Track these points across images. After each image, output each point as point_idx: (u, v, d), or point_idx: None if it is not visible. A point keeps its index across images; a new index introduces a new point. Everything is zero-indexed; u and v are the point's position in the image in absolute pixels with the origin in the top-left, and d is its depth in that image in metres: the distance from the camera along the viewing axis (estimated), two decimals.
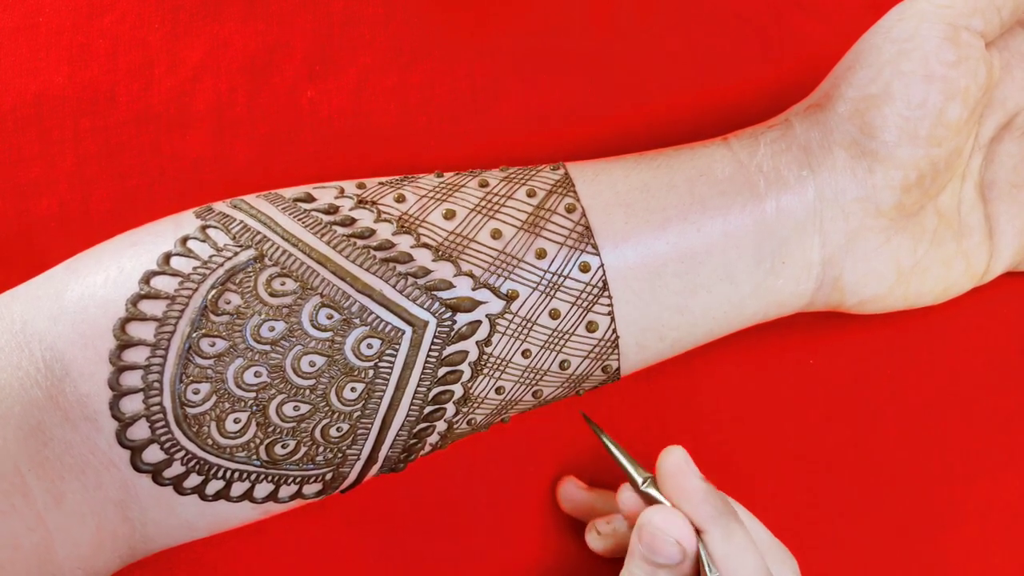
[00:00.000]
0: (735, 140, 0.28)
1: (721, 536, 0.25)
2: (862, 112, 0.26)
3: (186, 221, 0.25)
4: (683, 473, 0.25)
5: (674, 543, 0.25)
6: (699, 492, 0.25)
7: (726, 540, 0.25)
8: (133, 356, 0.23)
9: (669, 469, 0.26)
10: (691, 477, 0.25)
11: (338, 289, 0.24)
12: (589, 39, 0.33)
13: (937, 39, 0.25)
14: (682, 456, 0.26)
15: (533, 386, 0.27)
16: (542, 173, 0.27)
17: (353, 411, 0.25)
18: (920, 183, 0.27)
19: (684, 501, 0.25)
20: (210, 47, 0.32)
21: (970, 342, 0.34)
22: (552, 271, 0.25)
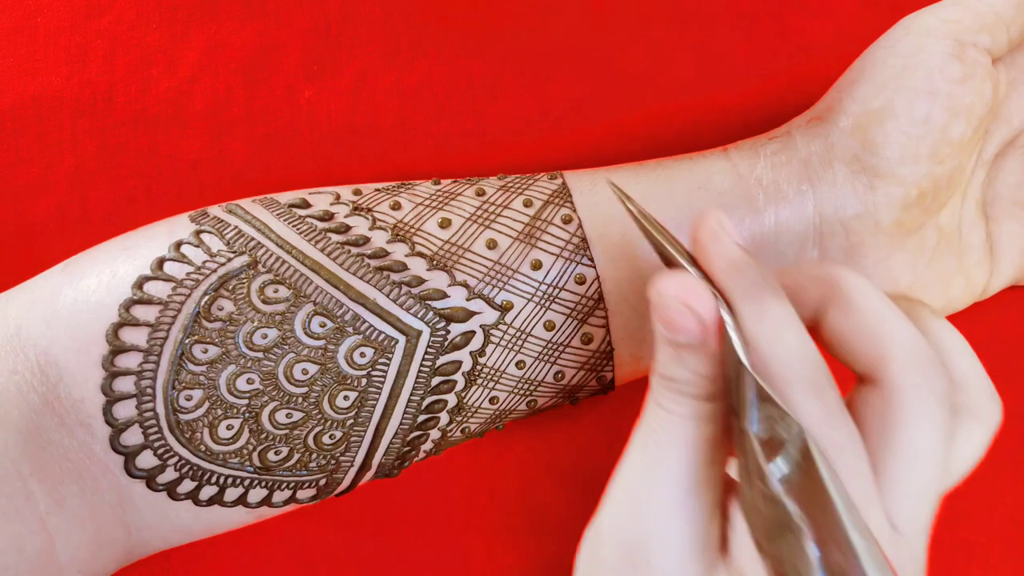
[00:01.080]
0: (735, 151, 0.27)
1: (752, 313, 0.20)
2: (864, 127, 0.26)
3: (180, 225, 0.25)
4: (715, 238, 0.21)
5: (687, 313, 0.20)
6: (730, 261, 0.21)
7: (759, 318, 0.20)
8: (126, 362, 0.23)
9: (701, 234, 0.21)
10: (725, 243, 0.21)
11: (331, 297, 0.24)
12: (589, 39, 0.33)
13: (943, 55, 0.25)
14: (717, 219, 0.21)
15: (527, 396, 0.27)
16: (539, 182, 0.27)
17: (346, 419, 0.25)
18: (921, 200, 0.26)
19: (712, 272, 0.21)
20: (207, 47, 0.32)
21: (971, 343, 0.33)
22: (547, 282, 0.25)
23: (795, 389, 0.19)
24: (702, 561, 0.20)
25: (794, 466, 0.18)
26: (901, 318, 0.20)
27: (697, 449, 0.20)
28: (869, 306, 0.20)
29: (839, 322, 0.21)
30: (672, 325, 0.20)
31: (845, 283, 0.21)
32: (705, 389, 0.21)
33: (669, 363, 0.21)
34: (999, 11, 0.25)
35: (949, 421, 0.20)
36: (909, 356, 0.20)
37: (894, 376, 0.20)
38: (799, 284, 0.21)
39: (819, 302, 0.21)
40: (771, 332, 0.20)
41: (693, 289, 0.20)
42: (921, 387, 0.20)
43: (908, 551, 0.20)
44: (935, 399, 0.20)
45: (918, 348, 0.20)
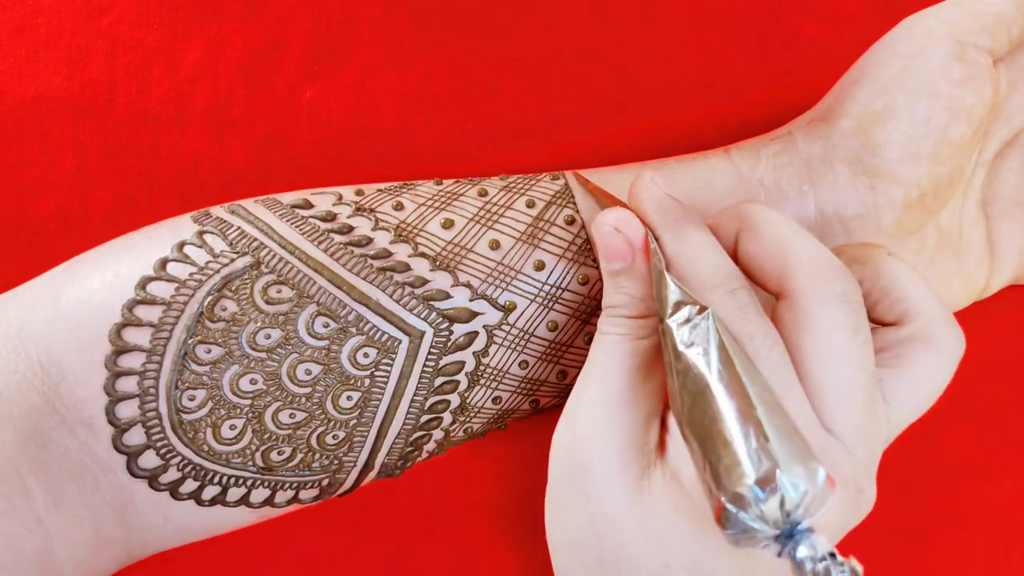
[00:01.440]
0: (736, 152, 0.28)
1: (674, 239, 0.23)
2: (865, 128, 0.26)
3: (183, 226, 0.25)
4: (647, 188, 0.24)
5: (618, 236, 0.23)
6: (656, 200, 0.23)
7: (680, 242, 0.22)
8: (129, 362, 0.23)
9: (635, 186, 0.24)
10: (653, 189, 0.24)
11: (334, 298, 0.24)
12: (590, 39, 0.33)
13: (944, 56, 0.25)
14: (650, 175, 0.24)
15: (530, 396, 0.27)
16: (542, 183, 0.27)
17: (349, 419, 0.25)
18: (922, 201, 0.26)
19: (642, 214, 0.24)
20: (208, 47, 0.32)
21: (971, 345, 0.33)
22: (550, 283, 0.25)
23: (709, 290, 0.22)
24: (636, 464, 0.21)
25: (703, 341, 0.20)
26: (802, 236, 0.22)
27: (630, 364, 0.22)
28: (772, 229, 0.22)
29: (749, 247, 0.23)
30: (608, 250, 0.23)
31: (752, 213, 0.23)
32: (637, 309, 0.23)
33: (609, 293, 0.24)
34: (1000, 12, 0.25)
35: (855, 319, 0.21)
36: (808, 265, 0.22)
37: (797, 286, 0.22)
38: (719, 223, 0.24)
39: (734, 233, 0.23)
40: (691, 252, 0.22)
41: (624, 217, 0.23)
42: (821, 291, 0.21)
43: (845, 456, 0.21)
44: (836, 299, 0.21)
45: (817, 257, 0.22)
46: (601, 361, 0.23)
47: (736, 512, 0.18)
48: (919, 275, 0.23)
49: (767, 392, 0.19)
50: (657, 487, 0.21)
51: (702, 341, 0.20)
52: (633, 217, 0.23)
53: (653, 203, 0.23)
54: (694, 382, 0.20)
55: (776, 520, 0.18)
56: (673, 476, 0.21)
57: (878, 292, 0.23)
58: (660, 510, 0.21)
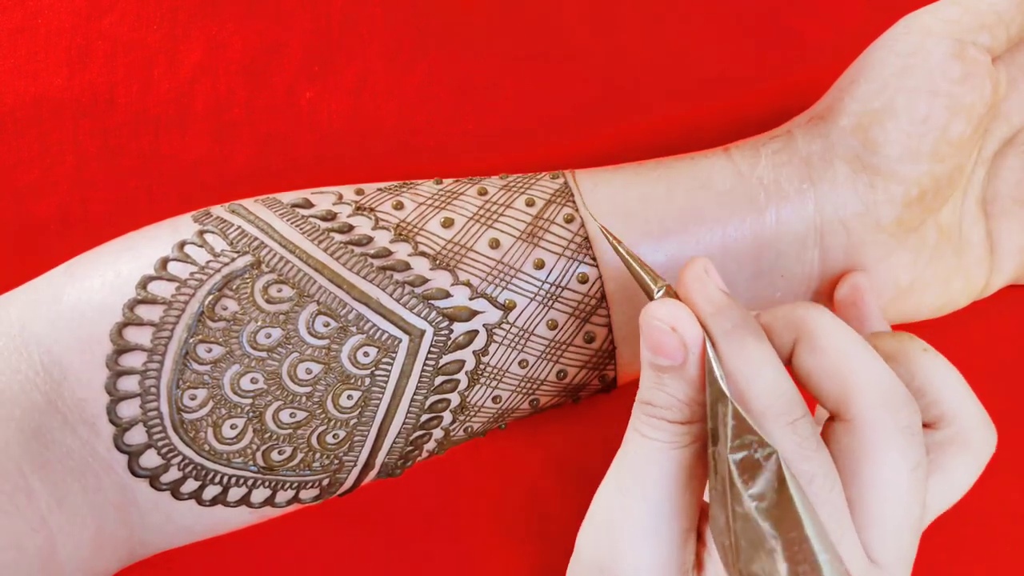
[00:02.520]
0: (736, 151, 0.28)
1: (733, 351, 0.21)
2: (865, 126, 0.26)
3: (184, 226, 0.25)
4: (700, 281, 0.22)
5: (673, 335, 0.21)
6: (714, 302, 0.22)
7: (737, 354, 0.21)
8: (130, 361, 0.23)
9: (686, 276, 0.22)
10: (707, 286, 0.22)
11: (335, 297, 0.24)
12: (589, 39, 0.33)
13: (943, 54, 0.25)
14: (703, 265, 0.22)
15: (530, 395, 0.27)
16: (541, 182, 0.27)
17: (349, 418, 0.25)
18: (921, 199, 0.26)
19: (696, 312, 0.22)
20: (209, 48, 0.32)
21: (971, 344, 0.33)
22: (550, 282, 0.25)
23: (770, 420, 0.20)
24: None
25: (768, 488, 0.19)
26: (865, 355, 0.21)
27: (670, 475, 0.21)
28: (833, 345, 0.21)
29: (807, 360, 0.21)
30: (658, 347, 0.21)
31: (812, 322, 0.22)
32: (682, 414, 0.21)
33: (651, 388, 0.22)
34: (999, 10, 0.25)
35: (918, 452, 0.21)
36: (873, 392, 0.21)
37: (859, 412, 0.21)
38: (773, 325, 0.22)
39: (791, 341, 0.22)
40: (749, 368, 0.21)
41: (681, 315, 0.21)
42: (885, 422, 0.20)
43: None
44: (900, 433, 0.20)
45: (882, 384, 0.21)
46: (640, 470, 0.22)
47: None
48: (954, 372, 0.22)
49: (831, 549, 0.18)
50: None
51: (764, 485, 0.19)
52: (690, 317, 0.21)
53: (710, 304, 0.22)
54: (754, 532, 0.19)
55: None
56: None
57: (914, 391, 0.22)
58: None
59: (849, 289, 0.26)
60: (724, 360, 0.21)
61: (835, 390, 0.21)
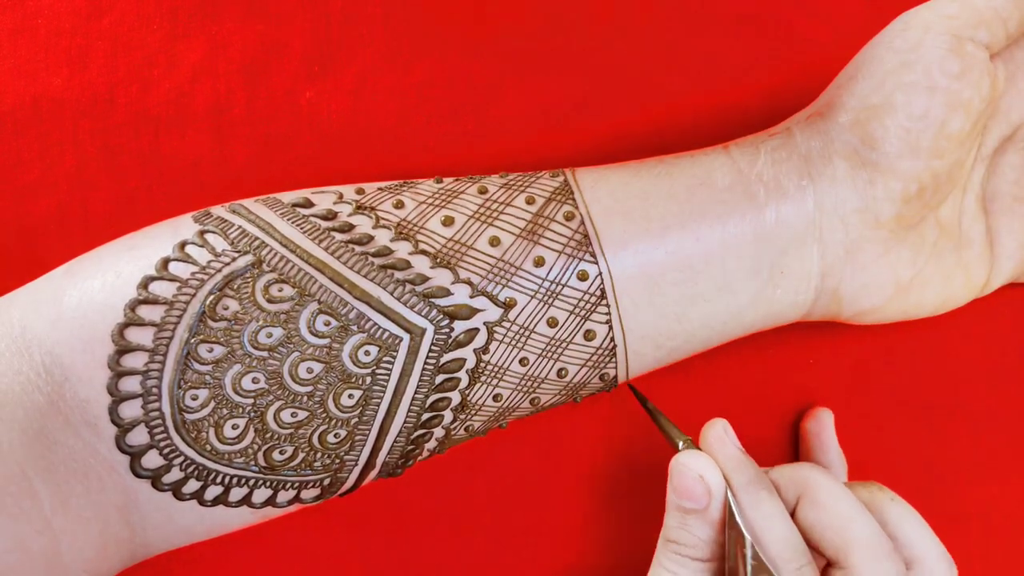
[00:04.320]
0: (735, 148, 0.28)
1: (750, 502, 0.25)
2: (863, 123, 0.26)
3: (184, 226, 0.25)
4: (721, 441, 0.26)
5: (699, 480, 0.25)
6: (732, 459, 0.26)
7: (753, 507, 0.25)
8: (132, 361, 0.23)
9: (709, 437, 0.26)
10: (728, 445, 0.26)
11: (336, 296, 0.24)
12: (589, 40, 0.33)
13: (941, 50, 0.25)
14: (723, 427, 0.26)
15: (531, 393, 0.27)
16: (541, 180, 0.27)
17: (351, 417, 0.25)
18: (921, 195, 0.26)
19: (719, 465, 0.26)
20: (209, 48, 0.32)
21: (971, 344, 0.33)
22: (550, 279, 0.25)
23: (780, 565, 0.24)
24: None
25: None
26: (861, 513, 0.25)
27: None
28: (834, 504, 0.25)
29: (809, 514, 0.25)
30: (687, 492, 0.25)
31: (815, 483, 0.26)
32: (703, 552, 0.26)
33: (676, 528, 0.26)
34: (997, 6, 0.25)
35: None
36: (867, 548, 0.24)
37: (856, 563, 0.24)
38: (779, 481, 0.26)
39: (795, 496, 0.26)
40: (764, 520, 0.25)
41: (708, 466, 0.26)
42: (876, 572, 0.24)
43: None
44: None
45: (874, 540, 0.25)
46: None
47: None
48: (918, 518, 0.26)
49: None
50: None
51: None
52: (715, 468, 0.26)
53: (730, 460, 0.26)
54: None
55: None
56: None
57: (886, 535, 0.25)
58: None
59: (816, 423, 0.32)
60: (743, 510, 0.25)
61: (835, 542, 0.25)
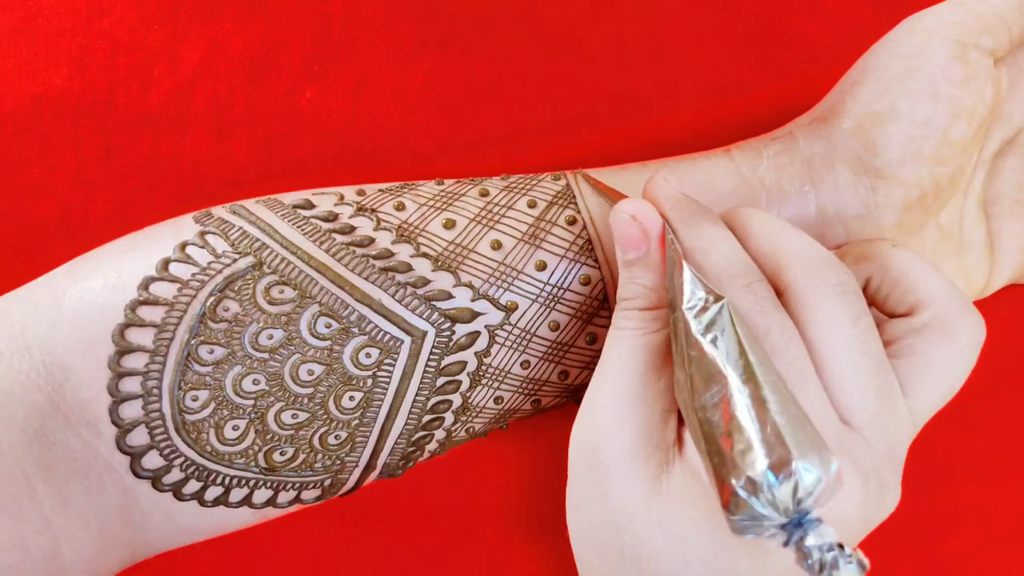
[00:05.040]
0: (737, 152, 0.28)
1: (691, 233, 0.23)
2: (866, 129, 0.26)
3: (185, 226, 0.25)
4: (659, 186, 0.24)
5: (635, 224, 0.23)
6: (672, 198, 0.24)
7: (695, 235, 0.23)
8: (132, 362, 0.23)
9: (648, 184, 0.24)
10: (668, 187, 0.24)
11: (337, 298, 0.24)
12: (589, 40, 0.33)
13: (945, 57, 0.25)
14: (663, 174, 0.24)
15: (532, 396, 0.27)
16: (543, 183, 0.27)
17: (351, 419, 0.25)
18: (922, 201, 0.26)
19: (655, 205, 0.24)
20: (209, 48, 0.32)
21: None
22: (552, 283, 0.25)
23: (726, 283, 0.22)
24: (654, 460, 0.21)
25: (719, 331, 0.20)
26: (792, 232, 0.23)
27: (642, 359, 0.23)
28: (764, 229, 0.23)
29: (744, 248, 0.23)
30: (625, 239, 0.23)
31: (744, 215, 0.24)
32: (649, 300, 0.23)
33: (623, 285, 0.24)
34: (1001, 12, 0.25)
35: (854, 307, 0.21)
36: (800, 260, 0.22)
37: (791, 280, 0.22)
38: None
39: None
40: (705, 243, 0.23)
41: (642, 208, 0.23)
42: (815, 283, 0.22)
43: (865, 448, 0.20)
44: (832, 290, 0.21)
45: (808, 252, 0.22)
46: (615, 357, 0.23)
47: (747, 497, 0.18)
48: (927, 263, 0.23)
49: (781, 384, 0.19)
50: (676, 482, 0.21)
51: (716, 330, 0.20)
52: (651, 208, 0.23)
53: (669, 200, 0.24)
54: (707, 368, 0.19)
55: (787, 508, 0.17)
56: (692, 471, 0.21)
57: (888, 285, 0.23)
58: (678, 505, 0.21)
59: None
60: (682, 241, 0.23)
61: (769, 267, 0.22)
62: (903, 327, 0.23)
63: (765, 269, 0.22)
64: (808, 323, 0.21)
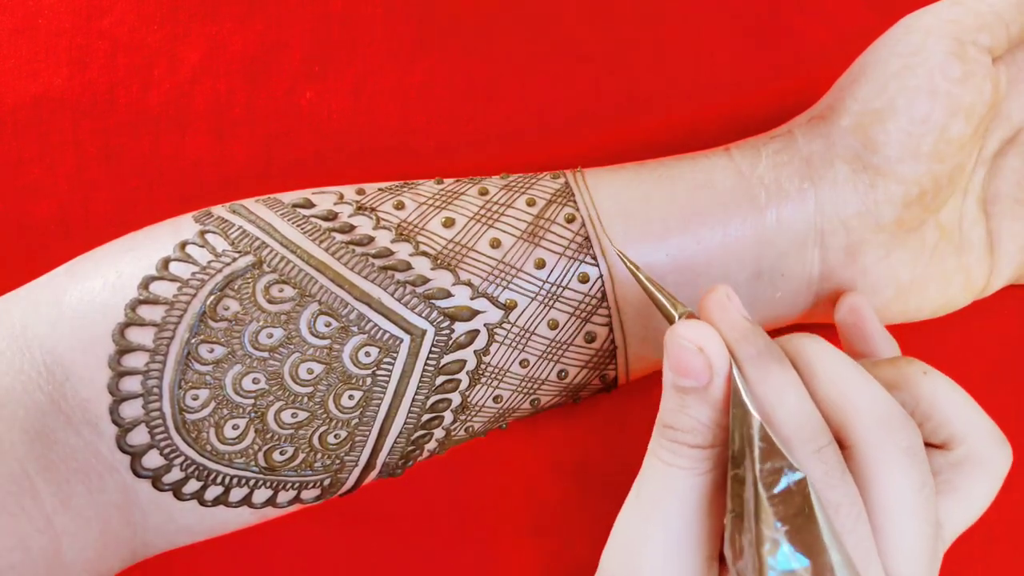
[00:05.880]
0: (736, 150, 0.28)
1: (759, 376, 0.21)
2: (865, 126, 0.26)
3: (185, 226, 0.25)
4: (723, 308, 0.22)
5: (699, 356, 0.21)
6: (737, 328, 0.22)
7: (763, 380, 0.21)
8: (132, 361, 0.23)
9: (709, 304, 0.22)
10: (732, 312, 0.22)
11: (336, 297, 0.24)
12: (590, 41, 0.33)
13: (943, 54, 0.25)
14: (725, 291, 0.22)
15: (531, 395, 0.27)
16: (542, 182, 0.27)
17: (351, 418, 0.25)
18: (922, 198, 0.26)
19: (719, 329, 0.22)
20: (209, 48, 0.32)
21: (971, 344, 0.33)
22: (551, 281, 0.25)
23: (797, 447, 0.20)
24: None
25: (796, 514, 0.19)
26: (860, 380, 0.21)
27: (692, 503, 0.21)
28: (829, 372, 0.22)
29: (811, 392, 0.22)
30: (684, 367, 0.21)
31: (808, 352, 0.22)
32: (704, 438, 0.21)
33: (673, 411, 0.22)
34: (999, 10, 0.25)
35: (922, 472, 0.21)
36: (870, 416, 0.21)
37: (858, 438, 0.21)
38: None
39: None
40: (774, 394, 0.21)
41: (709, 336, 0.21)
42: (886, 445, 0.21)
43: None
44: (902, 454, 0.21)
45: (877, 407, 0.21)
46: (661, 498, 0.22)
47: None
48: (957, 391, 0.23)
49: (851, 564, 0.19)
50: None
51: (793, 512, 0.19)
52: (717, 338, 0.21)
53: (734, 329, 0.22)
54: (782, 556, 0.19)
55: None
56: None
57: (920, 415, 0.23)
58: None
59: (848, 311, 0.26)
60: (750, 385, 0.21)
61: (834, 417, 0.21)
62: (940, 461, 0.22)
63: (830, 419, 0.21)
64: (874, 487, 0.21)
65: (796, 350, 0.22)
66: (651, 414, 0.32)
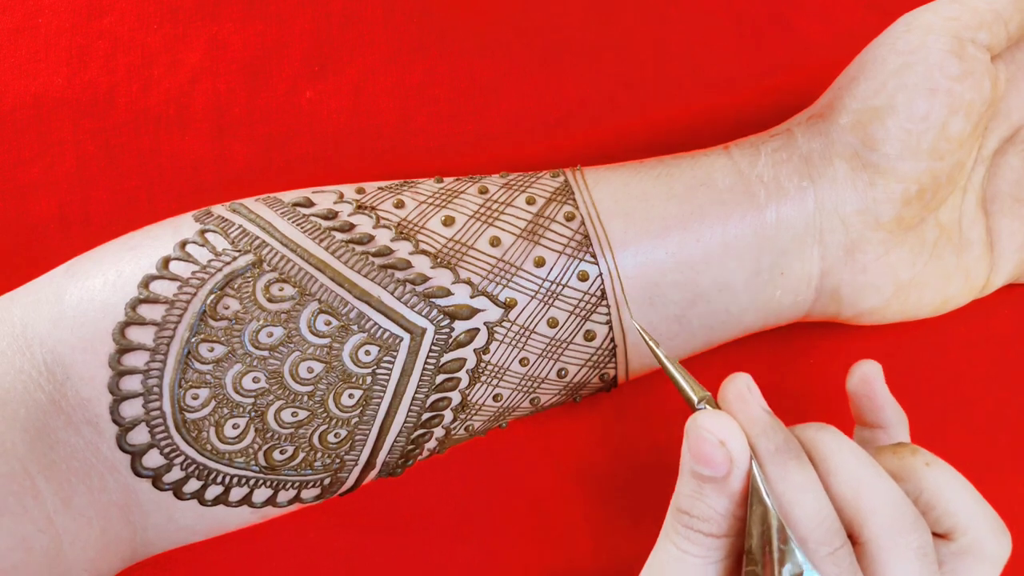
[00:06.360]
0: (736, 149, 0.28)
1: (778, 473, 0.21)
2: (864, 124, 0.26)
3: (185, 225, 0.25)
4: (743, 400, 0.22)
5: (719, 446, 0.21)
6: (759, 422, 0.22)
7: (782, 478, 0.21)
8: (133, 360, 0.23)
9: (729, 395, 0.23)
10: (752, 405, 0.22)
11: (336, 295, 0.24)
12: (590, 39, 0.33)
13: (942, 52, 0.25)
14: (746, 382, 0.23)
15: (531, 393, 0.27)
16: (542, 180, 0.27)
17: (351, 417, 0.25)
18: (921, 196, 0.26)
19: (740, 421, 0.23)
20: (209, 48, 0.32)
21: (971, 344, 0.33)
22: (551, 279, 0.25)
23: (811, 548, 0.21)
24: None
25: None
26: (876, 478, 0.22)
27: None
28: (844, 468, 0.22)
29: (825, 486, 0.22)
30: (706, 458, 0.22)
31: (823, 446, 0.22)
32: (719, 528, 0.22)
33: (690, 497, 0.22)
34: (998, 8, 0.26)
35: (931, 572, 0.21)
36: (884, 516, 0.21)
37: (872, 536, 0.21)
38: None
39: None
40: (793, 493, 0.21)
41: (731, 430, 0.22)
42: (898, 544, 0.21)
43: None
44: (913, 554, 0.21)
45: (892, 507, 0.22)
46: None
47: None
48: (961, 482, 0.23)
49: None
50: None
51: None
52: (739, 432, 0.22)
53: (755, 424, 0.22)
54: None
55: None
56: None
57: (923, 505, 0.23)
58: None
59: (859, 380, 0.26)
60: (770, 482, 0.22)
61: (848, 512, 0.22)
62: (943, 551, 0.23)
63: (843, 514, 0.22)
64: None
65: (812, 443, 0.22)
66: (651, 414, 0.32)
